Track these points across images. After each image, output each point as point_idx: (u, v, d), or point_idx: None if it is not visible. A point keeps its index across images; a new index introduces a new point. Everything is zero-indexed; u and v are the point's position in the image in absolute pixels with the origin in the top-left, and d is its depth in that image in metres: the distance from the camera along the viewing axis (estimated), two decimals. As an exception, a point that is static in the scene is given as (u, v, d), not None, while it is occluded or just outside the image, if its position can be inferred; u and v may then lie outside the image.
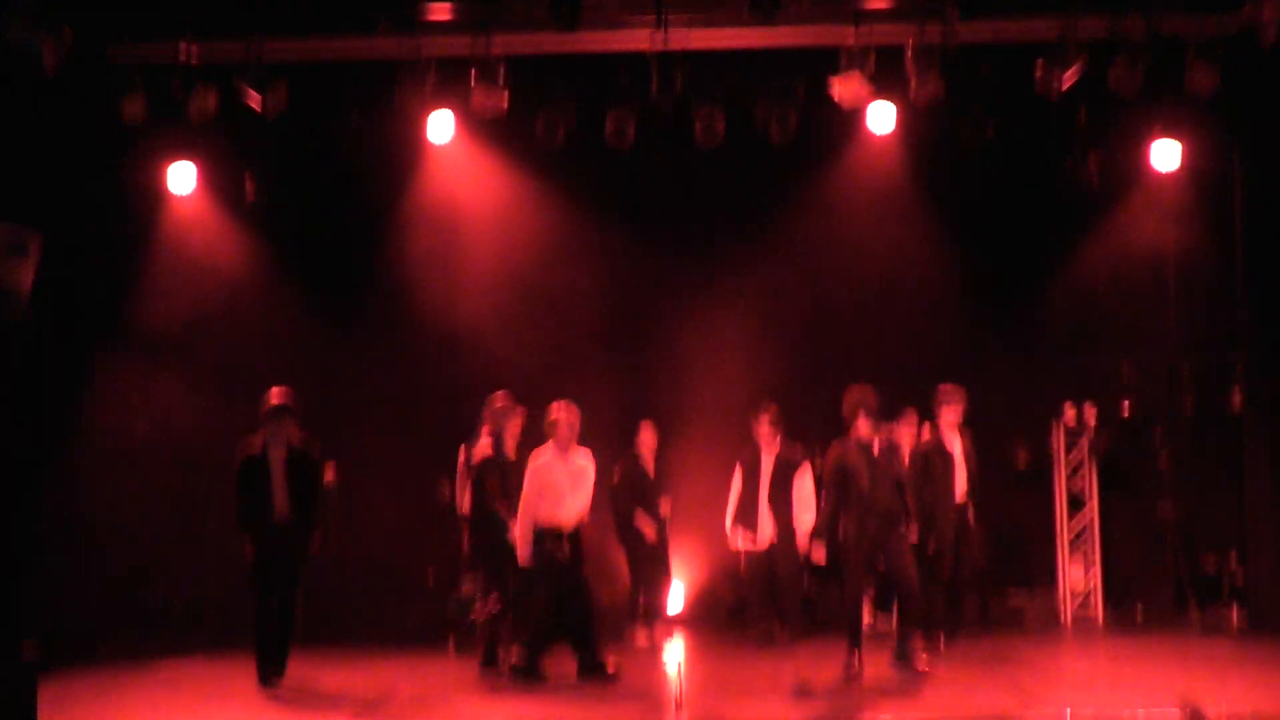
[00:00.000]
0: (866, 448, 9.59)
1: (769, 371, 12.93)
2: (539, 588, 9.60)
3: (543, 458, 9.71)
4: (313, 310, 13.49)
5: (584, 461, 9.77)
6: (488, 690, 9.51)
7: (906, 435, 11.20)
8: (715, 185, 13.23)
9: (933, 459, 11.03)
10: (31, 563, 10.57)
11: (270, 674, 9.62)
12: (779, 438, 11.14)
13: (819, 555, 9.86)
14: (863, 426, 9.59)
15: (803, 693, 9.21)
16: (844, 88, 11.34)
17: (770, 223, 13.40)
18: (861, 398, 9.59)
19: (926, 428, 11.33)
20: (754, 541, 11.06)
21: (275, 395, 9.91)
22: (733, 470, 11.26)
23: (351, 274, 13.47)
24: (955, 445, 11.21)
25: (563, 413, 9.72)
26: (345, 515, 13.22)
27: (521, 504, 9.64)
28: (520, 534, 9.59)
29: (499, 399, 10.43)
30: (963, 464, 11.20)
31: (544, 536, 9.54)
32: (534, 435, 10.04)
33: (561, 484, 9.62)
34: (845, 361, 13.26)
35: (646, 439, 11.93)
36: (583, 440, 9.93)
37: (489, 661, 9.99)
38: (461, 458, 10.75)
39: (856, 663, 9.54)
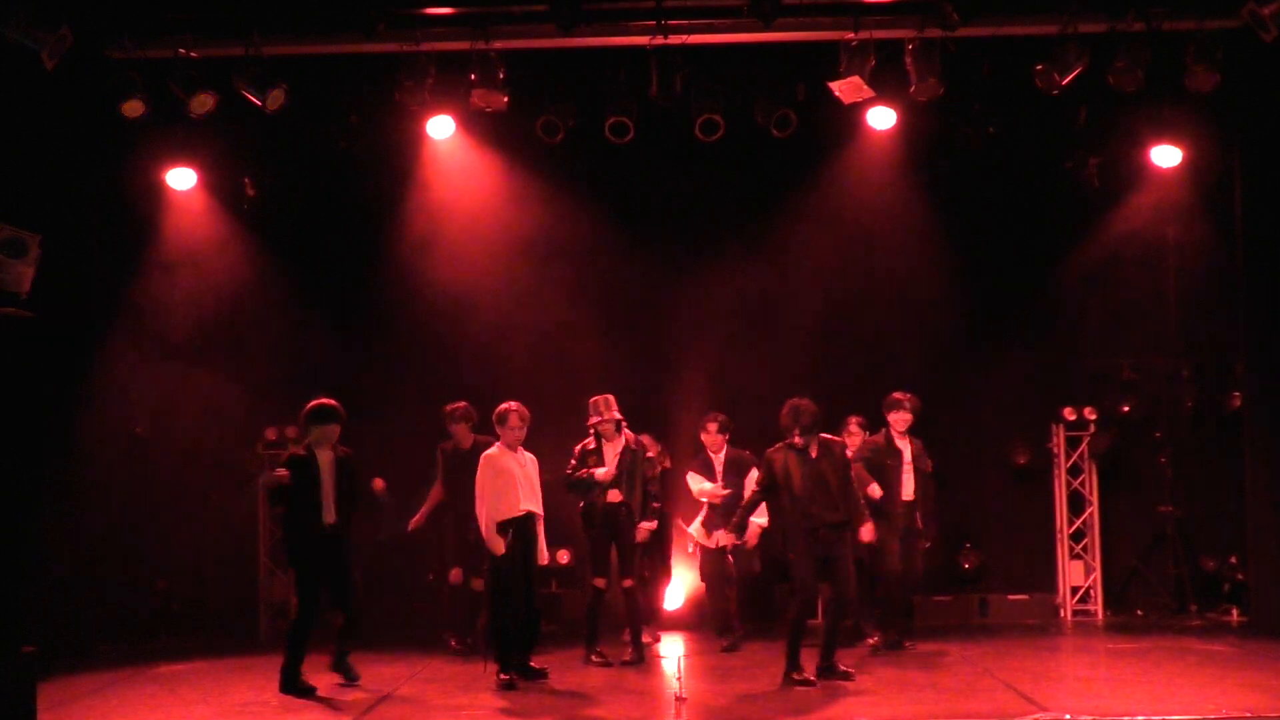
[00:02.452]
0: (803, 452, 9.49)
1: (766, 367, 12.94)
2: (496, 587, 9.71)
3: (492, 451, 9.81)
4: (312, 308, 13.49)
5: (529, 457, 9.88)
6: (487, 690, 9.50)
7: (851, 443, 11.20)
8: (715, 181, 13.23)
9: (885, 459, 11.03)
10: (31, 562, 10.58)
11: (303, 681, 9.56)
12: (727, 443, 11.43)
13: (728, 540, 10.62)
14: (797, 435, 9.50)
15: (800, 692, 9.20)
16: (844, 86, 11.34)
17: (770, 219, 13.40)
18: (796, 409, 9.51)
19: (881, 434, 11.30)
20: (709, 541, 11.29)
21: (320, 400, 9.89)
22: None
23: (351, 271, 13.47)
24: (906, 449, 11.19)
25: (514, 408, 9.80)
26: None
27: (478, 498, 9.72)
28: (485, 527, 9.68)
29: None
30: (910, 467, 11.18)
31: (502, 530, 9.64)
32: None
33: (515, 477, 9.67)
34: (844, 358, 13.31)
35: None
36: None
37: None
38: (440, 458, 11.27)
39: (796, 674, 9.39)
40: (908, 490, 11.14)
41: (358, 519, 10.06)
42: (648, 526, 10.72)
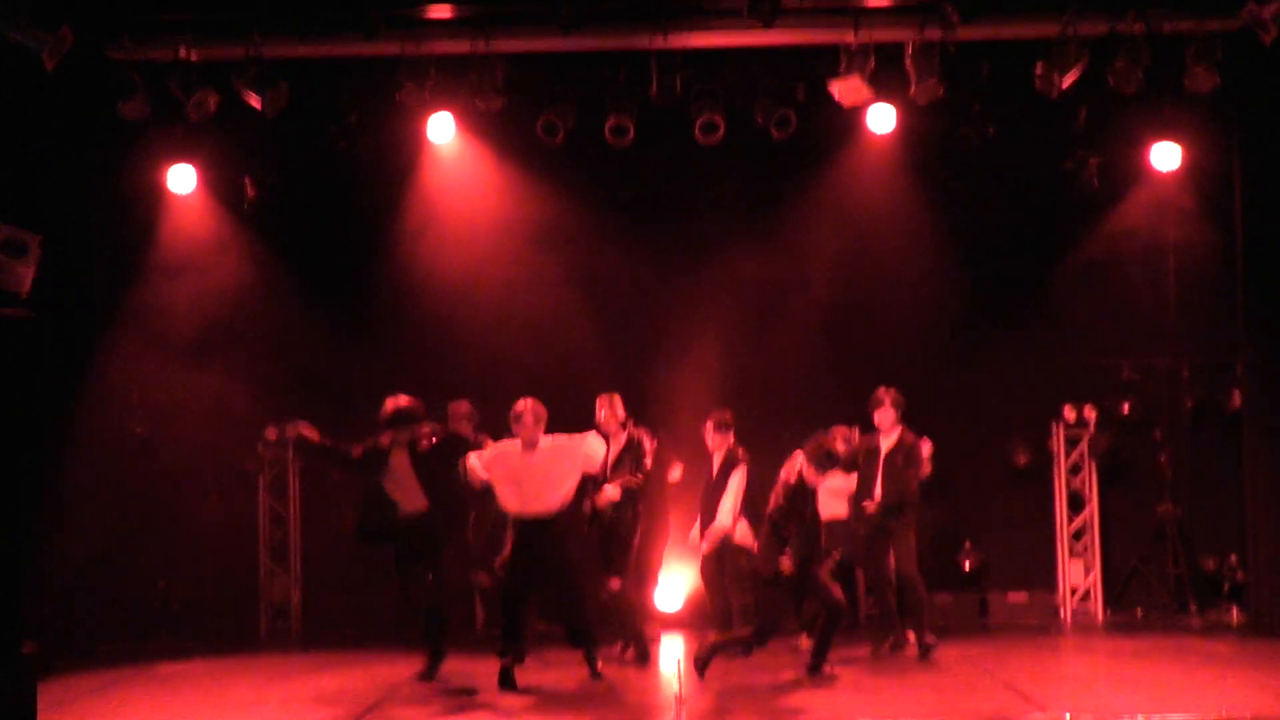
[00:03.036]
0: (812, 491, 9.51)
1: (766, 367, 12.95)
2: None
3: (502, 448, 9.77)
4: (313, 309, 13.49)
5: (549, 449, 9.68)
6: (488, 689, 9.51)
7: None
8: (715, 184, 13.24)
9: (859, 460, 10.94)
10: (32, 562, 10.59)
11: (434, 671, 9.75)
12: (727, 442, 10.88)
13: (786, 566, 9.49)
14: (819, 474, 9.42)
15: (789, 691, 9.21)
16: (844, 88, 11.34)
17: (770, 221, 13.40)
18: (828, 455, 9.40)
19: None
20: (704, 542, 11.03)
21: (397, 402, 9.98)
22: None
23: (351, 273, 13.47)
24: (884, 447, 11.02)
25: (527, 406, 9.72)
26: (345, 514, 13.28)
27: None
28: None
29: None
30: (880, 467, 11.02)
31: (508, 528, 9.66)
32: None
33: (518, 475, 9.63)
34: (844, 358, 13.31)
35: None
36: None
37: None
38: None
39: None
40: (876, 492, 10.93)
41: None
42: (609, 496, 10.52)
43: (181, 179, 12.80)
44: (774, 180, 13.32)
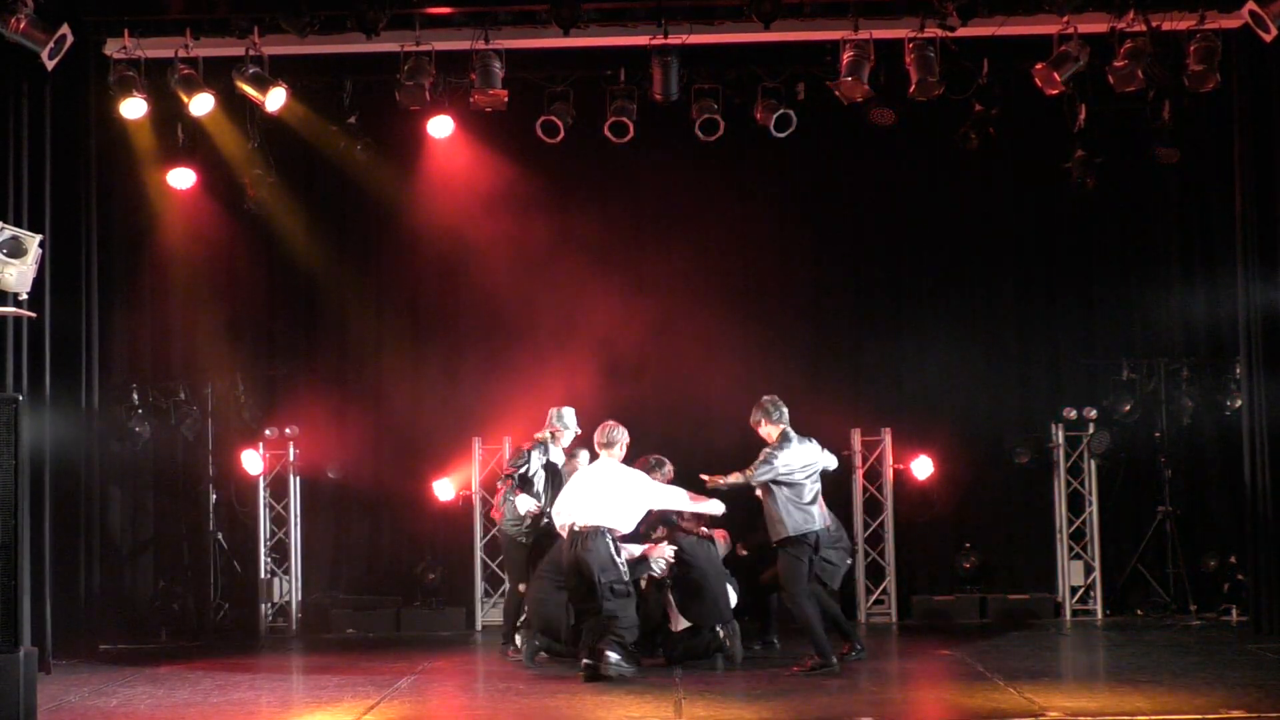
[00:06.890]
0: None
1: (765, 366, 12.93)
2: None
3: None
4: (312, 308, 13.49)
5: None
6: (488, 688, 9.51)
7: None
8: (714, 180, 13.24)
9: None
10: (32, 563, 10.59)
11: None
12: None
13: None
14: None
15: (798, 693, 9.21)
16: (844, 85, 11.34)
17: (769, 218, 13.42)
18: None
19: None
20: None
21: None
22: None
23: (351, 271, 13.46)
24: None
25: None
26: (347, 517, 13.30)
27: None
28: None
29: None
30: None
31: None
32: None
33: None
34: (843, 358, 13.32)
35: None
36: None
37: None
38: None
39: None
40: None
41: None
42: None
43: (181, 179, 12.78)
44: (773, 178, 13.32)
